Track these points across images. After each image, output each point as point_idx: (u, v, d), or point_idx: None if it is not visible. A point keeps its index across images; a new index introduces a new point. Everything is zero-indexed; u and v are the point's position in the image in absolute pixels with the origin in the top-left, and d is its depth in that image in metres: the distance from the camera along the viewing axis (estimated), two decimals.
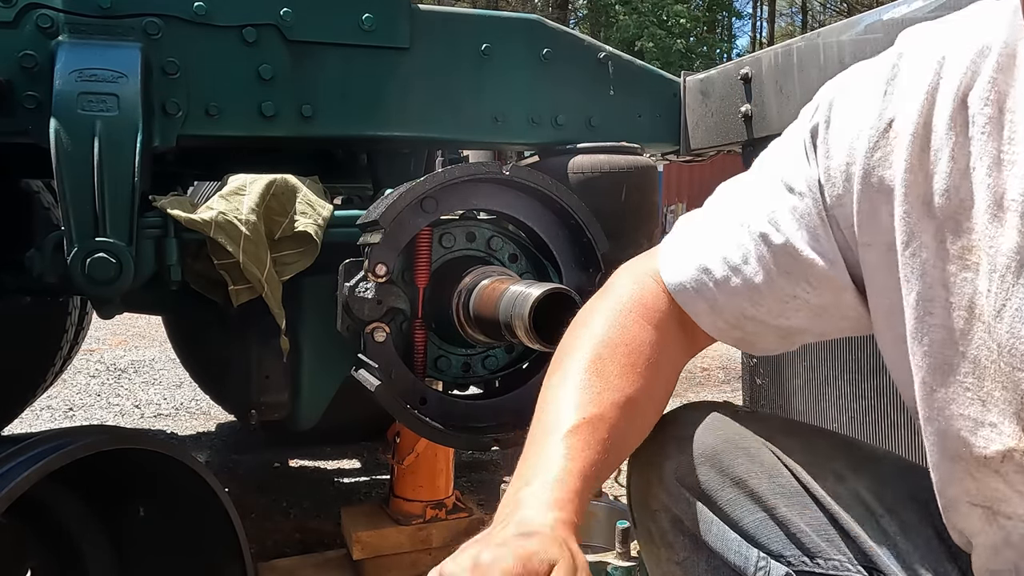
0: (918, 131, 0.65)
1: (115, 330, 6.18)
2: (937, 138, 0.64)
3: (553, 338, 1.16)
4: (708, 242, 0.83)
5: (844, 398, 1.71)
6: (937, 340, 0.65)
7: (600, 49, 1.96)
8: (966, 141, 0.63)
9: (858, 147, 0.70)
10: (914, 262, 0.66)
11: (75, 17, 1.48)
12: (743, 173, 0.89)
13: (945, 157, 0.64)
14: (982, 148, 0.62)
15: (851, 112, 0.72)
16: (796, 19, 31.60)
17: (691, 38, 19.42)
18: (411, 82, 1.77)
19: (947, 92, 0.64)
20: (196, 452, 3.34)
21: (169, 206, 1.48)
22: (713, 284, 0.81)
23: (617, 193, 1.84)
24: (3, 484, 1.21)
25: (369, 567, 2.04)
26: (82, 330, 3.17)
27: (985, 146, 0.61)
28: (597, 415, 0.76)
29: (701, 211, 0.88)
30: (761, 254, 0.77)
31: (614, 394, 0.78)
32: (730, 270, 0.79)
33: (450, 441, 1.43)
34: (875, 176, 0.68)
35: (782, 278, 0.77)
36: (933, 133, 0.65)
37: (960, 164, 0.63)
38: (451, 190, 1.35)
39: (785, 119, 1.72)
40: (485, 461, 3.24)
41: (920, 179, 0.65)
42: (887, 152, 0.67)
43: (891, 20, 1.43)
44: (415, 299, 1.39)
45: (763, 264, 0.77)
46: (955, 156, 0.63)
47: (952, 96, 0.64)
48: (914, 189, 0.65)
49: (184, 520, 1.57)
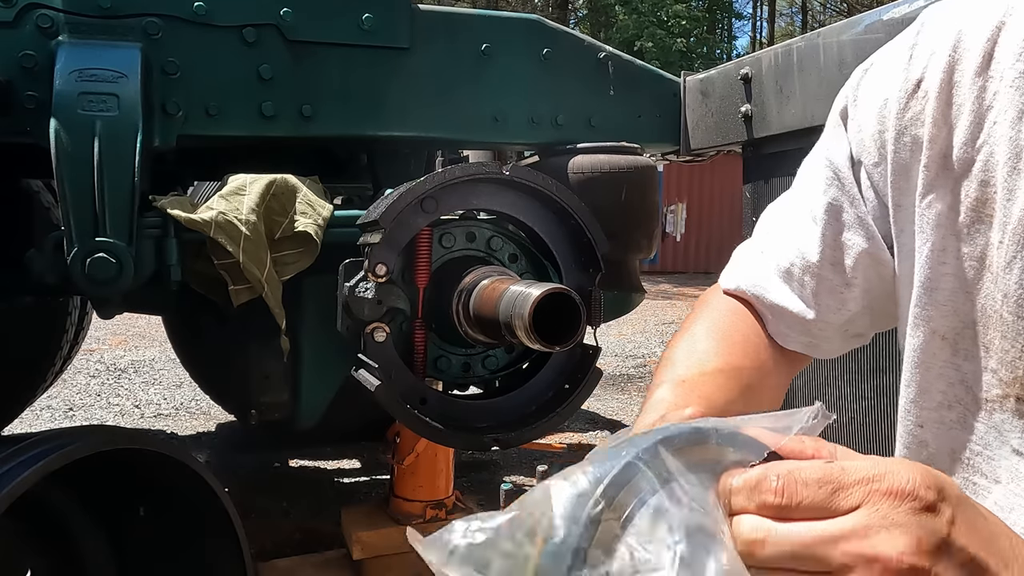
0: (943, 87, 0.66)
1: (115, 330, 6.18)
2: (960, 92, 0.65)
3: (553, 338, 1.16)
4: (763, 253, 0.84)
5: (844, 399, 1.71)
6: (948, 289, 0.67)
7: (600, 49, 1.96)
8: (991, 96, 0.63)
9: (888, 112, 0.71)
10: (930, 212, 0.67)
11: (75, 17, 1.48)
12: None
13: (967, 111, 0.65)
14: (1008, 101, 0.62)
15: (878, 83, 0.73)
16: (796, 19, 31.59)
17: (691, 38, 19.41)
18: (411, 82, 1.77)
19: (972, 48, 0.65)
20: (196, 452, 3.34)
21: (169, 206, 1.48)
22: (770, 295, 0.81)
23: (617, 193, 1.84)
24: (3, 484, 1.21)
25: (369, 567, 2.04)
26: (82, 330, 3.17)
27: (1012, 99, 0.62)
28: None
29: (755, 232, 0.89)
30: (805, 257, 0.78)
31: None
32: (783, 276, 0.80)
33: (450, 441, 1.43)
34: (908, 135, 0.69)
35: (829, 270, 0.77)
36: (956, 87, 0.66)
37: (982, 117, 0.64)
38: (451, 190, 1.35)
39: (785, 119, 1.72)
40: (485, 461, 3.25)
41: (944, 133, 0.66)
42: (918, 111, 0.68)
43: (891, 20, 1.43)
44: (415, 299, 1.39)
45: (809, 267, 0.78)
46: (977, 110, 0.64)
47: (978, 52, 0.65)
48: (936, 143, 0.66)
49: (184, 520, 1.57)
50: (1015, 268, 0.61)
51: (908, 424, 0.73)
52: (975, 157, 0.64)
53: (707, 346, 0.79)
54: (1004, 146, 0.62)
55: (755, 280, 0.82)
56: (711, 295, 0.88)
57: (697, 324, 0.83)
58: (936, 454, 0.71)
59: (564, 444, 3.48)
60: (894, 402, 1.58)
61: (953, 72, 0.66)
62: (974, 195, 0.64)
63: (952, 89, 0.66)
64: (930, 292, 0.68)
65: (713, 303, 0.86)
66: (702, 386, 0.72)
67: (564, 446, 3.44)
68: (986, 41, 0.64)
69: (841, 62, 1.56)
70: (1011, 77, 0.62)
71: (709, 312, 0.85)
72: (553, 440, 3.48)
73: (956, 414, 0.69)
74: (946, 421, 0.70)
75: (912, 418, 0.73)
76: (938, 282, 0.67)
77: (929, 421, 0.71)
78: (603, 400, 4.42)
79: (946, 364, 0.69)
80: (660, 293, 10.55)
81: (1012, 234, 0.61)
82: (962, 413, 0.68)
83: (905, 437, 0.74)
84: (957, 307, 0.67)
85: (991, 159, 0.63)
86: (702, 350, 0.78)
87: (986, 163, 0.63)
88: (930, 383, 0.71)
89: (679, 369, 0.75)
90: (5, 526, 1.49)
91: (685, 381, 0.72)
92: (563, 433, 3.68)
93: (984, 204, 0.63)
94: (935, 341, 0.69)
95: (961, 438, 0.69)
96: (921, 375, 0.71)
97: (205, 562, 1.58)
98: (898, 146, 0.70)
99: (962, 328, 0.67)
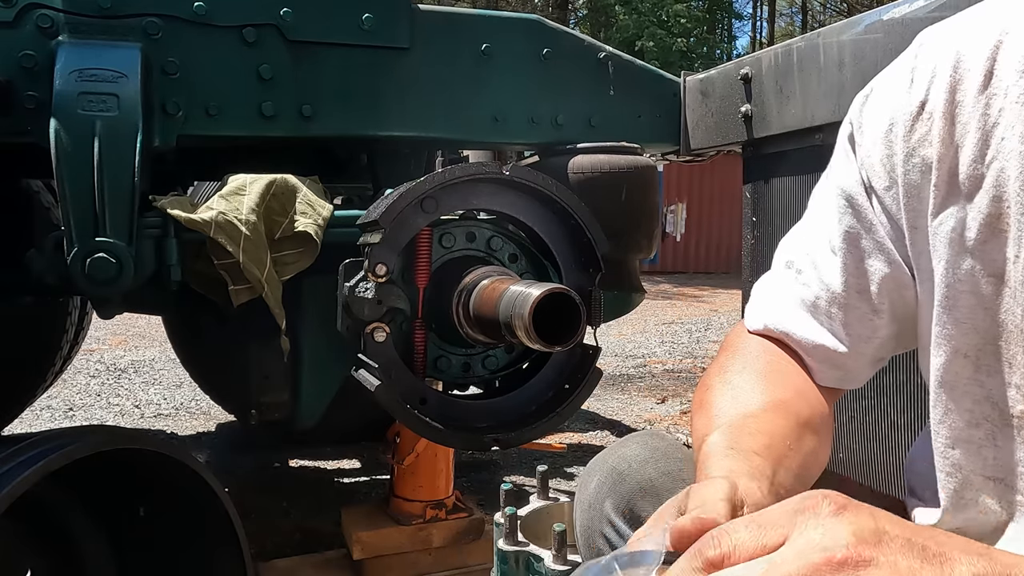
0: (947, 107, 0.67)
1: (115, 330, 6.19)
2: (965, 111, 0.66)
3: (553, 338, 1.16)
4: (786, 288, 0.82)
5: (844, 398, 1.71)
6: (967, 306, 0.66)
7: (600, 49, 1.96)
8: (997, 112, 0.64)
9: (895, 136, 0.71)
10: (943, 231, 0.67)
11: (75, 17, 1.48)
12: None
13: (973, 129, 0.65)
14: (1015, 116, 0.63)
15: (881, 107, 0.73)
16: (796, 19, 31.58)
17: (691, 38, 19.41)
18: (411, 82, 1.77)
19: (973, 68, 0.66)
20: (196, 452, 3.34)
21: (169, 206, 1.48)
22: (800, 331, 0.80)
23: (617, 193, 1.84)
24: (3, 484, 1.21)
25: (369, 567, 2.04)
26: (82, 330, 3.17)
27: (1019, 114, 0.62)
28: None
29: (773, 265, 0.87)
30: (830, 289, 0.77)
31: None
32: (810, 311, 0.79)
33: (450, 441, 1.43)
34: (917, 157, 0.69)
35: (856, 298, 0.76)
36: (960, 106, 0.66)
37: (989, 134, 0.64)
38: (451, 190, 1.35)
39: (785, 119, 1.72)
40: (485, 461, 3.25)
41: (951, 152, 0.66)
42: (924, 133, 0.69)
43: (891, 20, 1.43)
44: (415, 299, 1.39)
45: (836, 298, 0.77)
46: (983, 127, 0.65)
47: (979, 71, 0.65)
48: (945, 162, 0.67)
49: (184, 520, 1.57)
50: None
51: (939, 446, 0.72)
52: (985, 173, 0.64)
53: (749, 388, 0.77)
54: (1015, 161, 0.62)
55: (781, 318, 0.81)
56: (737, 338, 0.86)
57: (731, 371, 0.80)
58: (971, 475, 0.70)
59: (564, 444, 3.48)
60: (894, 402, 1.58)
61: (955, 92, 0.66)
62: (987, 211, 0.64)
63: (956, 109, 0.66)
64: (949, 311, 0.68)
65: (743, 346, 0.84)
66: (755, 425, 0.70)
67: (564, 446, 3.44)
68: (986, 60, 0.65)
69: (841, 62, 1.56)
70: (1016, 93, 0.63)
71: (742, 356, 0.82)
72: (553, 440, 3.49)
73: (984, 432, 0.68)
74: (975, 440, 0.69)
75: (943, 440, 0.72)
76: (956, 300, 0.67)
77: (959, 441, 0.70)
78: (603, 400, 4.42)
79: (970, 381, 0.68)
80: (660, 293, 10.56)
81: None
82: (990, 431, 0.67)
83: (940, 461, 0.72)
84: (977, 324, 0.66)
85: (1002, 174, 0.63)
86: (745, 398, 0.76)
87: (997, 178, 0.63)
88: (956, 402, 0.70)
89: (724, 418, 0.73)
90: (5, 526, 1.49)
91: (733, 425, 0.70)
92: (563, 433, 3.68)
93: (998, 219, 0.63)
94: (958, 360, 0.68)
95: (992, 456, 0.68)
96: (947, 395, 0.70)
97: (205, 562, 1.58)
98: (908, 168, 0.70)
99: (984, 345, 0.66)
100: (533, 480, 2.02)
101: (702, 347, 6.38)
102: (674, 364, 5.62)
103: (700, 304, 9.71)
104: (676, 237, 13.71)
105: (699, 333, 7.18)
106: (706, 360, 5.59)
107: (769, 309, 0.83)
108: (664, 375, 5.24)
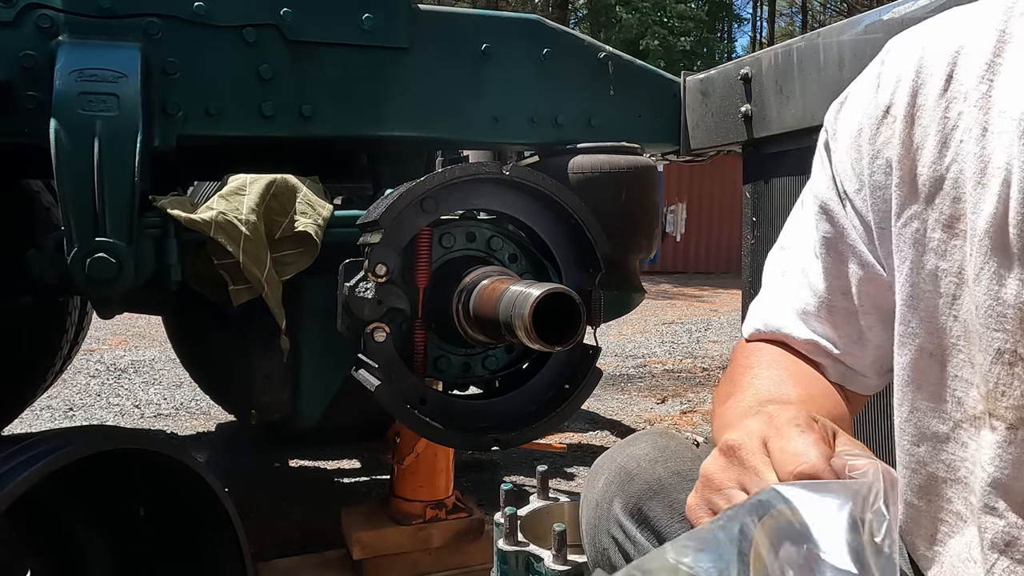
0: (908, 111, 0.69)
1: (115, 330, 6.19)
2: (925, 114, 0.67)
3: (553, 338, 1.16)
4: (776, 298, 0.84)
5: None
6: (930, 306, 0.68)
7: (600, 49, 1.96)
8: (956, 116, 0.65)
9: (863, 140, 0.73)
10: (906, 231, 0.69)
11: (75, 17, 1.48)
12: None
13: (933, 131, 0.67)
14: (973, 120, 0.64)
15: (851, 114, 0.75)
16: (796, 19, 31.59)
17: (691, 37, 19.40)
18: (411, 82, 1.77)
19: (934, 73, 0.68)
20: (196, 452, 3.34)
21: (169, 206, 1.48)
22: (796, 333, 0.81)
23: (617, 193, 1.84)
24: (3, 484, 1.21)
25: (369, 567, 2.04)
26: (82, 330, 3.16)
27: (976, 118, 0.64)
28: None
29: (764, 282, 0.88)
30: (816, 292, 0.79)
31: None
32: (801, 316, 0.80)
33: (450, 441, 1.43)
34: (881, 158, 0.71)
35: (840, 299, 0.78)
36: (921, 110, 0.68)
37: (948, 137, 0.66)
38: (451, 190, 1.35)
39: (785, 119, 1.72)
40: (485, 461, 3.24)
41: (911, 154, 0.68)
42: (888, 136, 0.70)
43: (891, 20, 1.43)
44: (415, 299, 1.39)
45: (823, 301, 0.79)
46: (942, 130, 0.66)
47: (940, 76, 0.67)
48: (905, 164, 0.68)
49: (184, 520, 1.57)
50: (983, 279, 0.62)
51: (904, 443, 0.73)
52: (945, 175, 0.66)
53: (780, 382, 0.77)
54: (971, 162, 0.63)
55: (778, 324, 0.82)
56: (739, 353, 0.86)
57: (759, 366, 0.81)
58: (935, 472, 0.71)
59: (564, 444, 3.48)
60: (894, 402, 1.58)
61: (917, 95, 0.68)
62: (948, 212, 0.65)
63: (917, 112, 0.68)
64: (913, 310, 0.69)
65: (761, 348, 0.84)
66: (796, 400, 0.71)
67: (564, 446, 3.44)
68: (947, 64, 0.67)
69: (841, 62, 1.56)
70: (975, 97, 0.64)
71: (767, 356, 0.82)
72: (553, 440, 3.49)
73: (947, 430, 0.69)
74: (940, 437, 0.70)
75: (908, 437, 0.73)
76: (920, 300, 0.68)
77: (923, 439, 0.71)
78: (603, 400, 4.42)
79: (934, 381, 0.69)
80: (660, 293, 10.56)
81: (979, 245, 0.62)
82: (953, 429, 0.68)
83: (903, 457, 0.74)
84: (940, 324, 0.67)
85: (961, 176, 0.64)
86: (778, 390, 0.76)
87: (956, 180, 0.65)
88: (920, 400, 0.71)
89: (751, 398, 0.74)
90: (5, 526, 1.49)
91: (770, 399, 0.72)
92: (563, 433, 3.68)
93: (958, 220, 0.65)
94: (923, 359, 0.70)
95: (955, 455, 0.68)
96: (912, 393, 0.71)
97: (205, 562, 1.58)
98: (873, 170, 0.72)
99: (947, 344, 0.67)
100: (533, 480, 2.02)
101: (702, 347, 6.38)
102: (674, 364, 5.62)
103: (700, 304, 9.71)
104: (676, 237, 13.71)
105: (699, 333, 7.18)
106: (706, 360, 5.59)
107: (763, 318, 0.84)
108: (664, 375, 5.24)
